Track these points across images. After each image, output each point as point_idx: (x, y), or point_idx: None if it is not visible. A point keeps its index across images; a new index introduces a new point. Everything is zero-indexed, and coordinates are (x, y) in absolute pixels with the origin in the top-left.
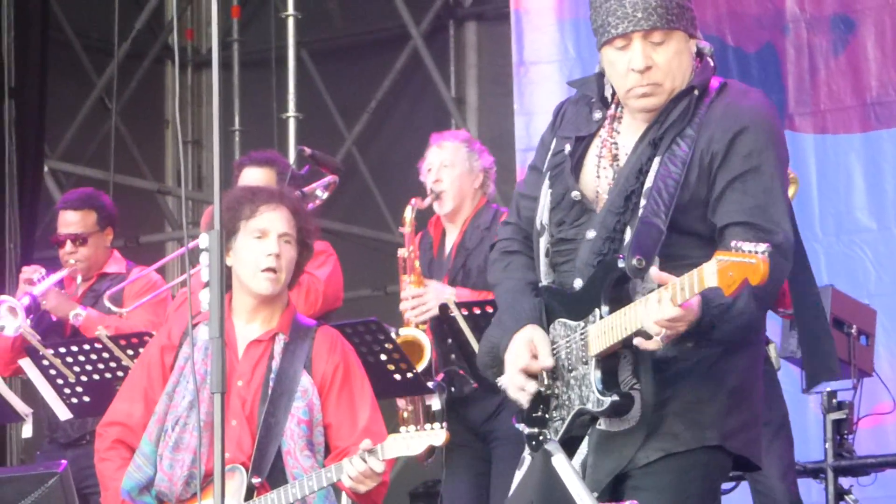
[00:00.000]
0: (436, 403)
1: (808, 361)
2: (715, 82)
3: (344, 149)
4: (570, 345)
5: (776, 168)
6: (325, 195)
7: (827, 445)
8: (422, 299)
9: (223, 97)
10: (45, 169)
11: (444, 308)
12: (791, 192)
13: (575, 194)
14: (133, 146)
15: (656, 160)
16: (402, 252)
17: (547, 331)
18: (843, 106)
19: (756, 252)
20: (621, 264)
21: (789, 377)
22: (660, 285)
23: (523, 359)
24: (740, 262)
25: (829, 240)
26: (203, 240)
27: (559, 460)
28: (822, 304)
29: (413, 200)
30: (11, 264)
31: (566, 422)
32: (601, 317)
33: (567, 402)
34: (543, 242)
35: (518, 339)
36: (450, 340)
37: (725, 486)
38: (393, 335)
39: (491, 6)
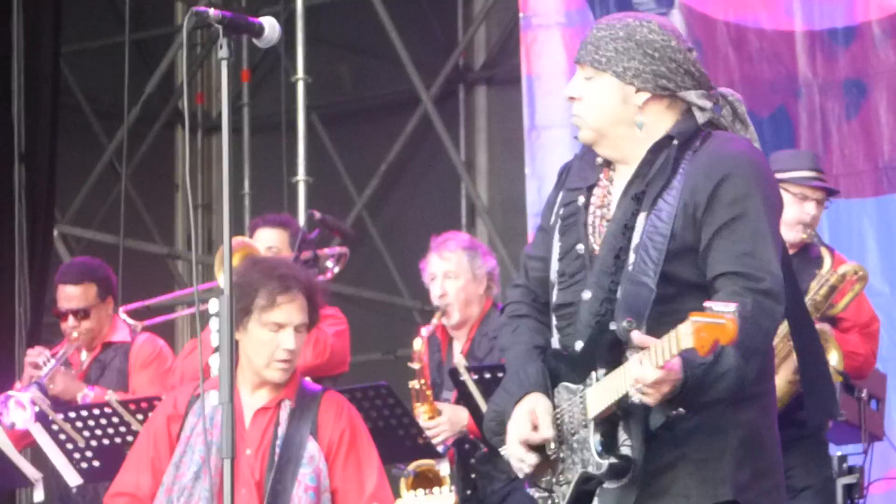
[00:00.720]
0: (444, 469)
1: (808, 403)
2: (703, 130)
3: (354, 212)
4: (571, 408)
5: (763, 212)
6: (337, 268)
7: None
8: (437, 429)
9: (233, 161)
10: (55, 233)
11: (454, 372)
12: (858, 287)
13: (580, 247)
14: (143, 210)
15: (641, 216)
16: (413, 384)
17: (552, 395)
18: (855, 170)
19: (726, 312)
20: (613, 326)
21: None
22: (642, 348)
23: (524, 430)
24: (711, 322)
25: None
26: (213, 305)
27: None
28: (820, 345)
29: (422, 330)
30: (21, 329)
31: (571, 485)
32: (597, 379)
33: (571, 466)
34: (553, 297)
35: (520, 409)
36: (472, 460)
37: None
38: (408, 472)
39: (501, 70)
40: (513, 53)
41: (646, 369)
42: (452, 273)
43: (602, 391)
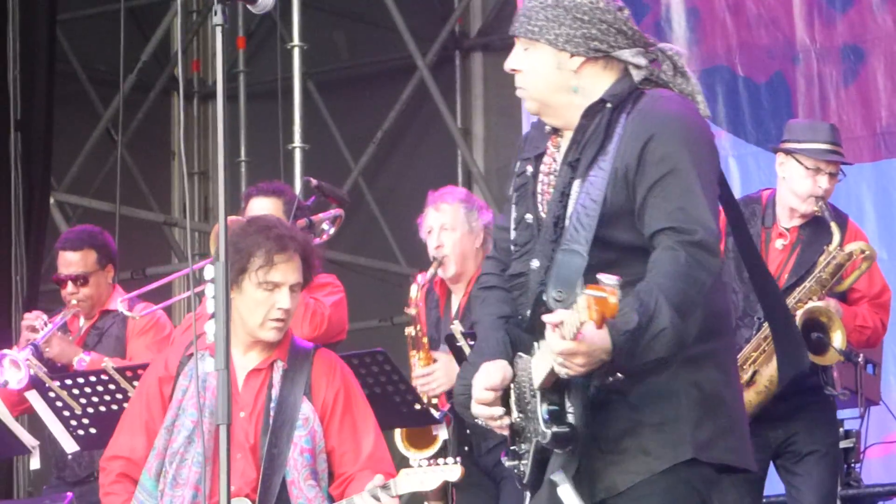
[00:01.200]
0: (443, 433)
1: (780, 359)
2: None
3: (350, 180)
4: (524, 377)
5: (692, 166)
6: (332, 230)
7: None
8: (431, 377)
9: (229, 128)
10: (52, 201)
11: (451, 338)
12: (865, 266)
13: (528, 217)
14: (139, 178)
15: (576, 183)
16: (409, 330)
17: (514, 364)
18: (853, 136)
19: (607, 285)
20: (545, 297)
21: None
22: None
23: (478, 390)
24: (598, 296)
25: None
26: (209, 271)
27: (565, 491)
28: (784, 302)
29: (418, 277)
30: (18, 297)
31: (530, 454)
32: (538, 349)
33: (529, 435)
34: (511, 268)
35: (477, 377)
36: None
37: None
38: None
39: (497, 37)
40: (509, 20)
41: (557, 341)
42: (449, 225)
43: (540, 361)
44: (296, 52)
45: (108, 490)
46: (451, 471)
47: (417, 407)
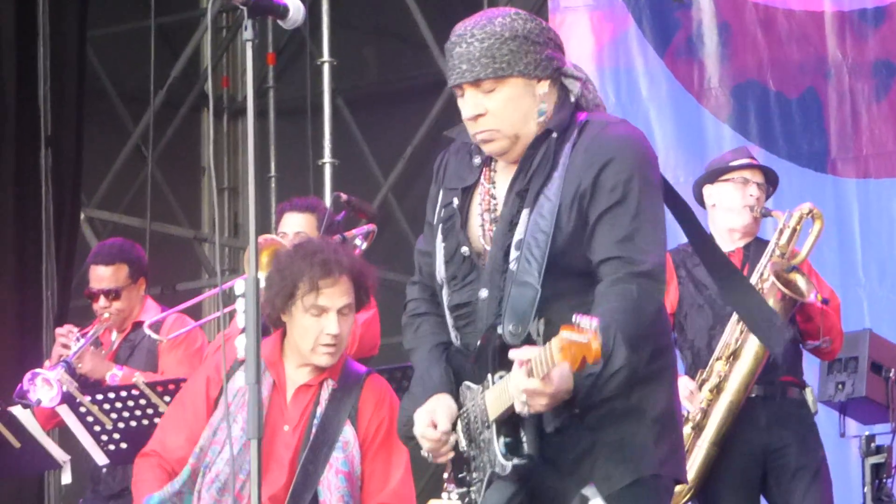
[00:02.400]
0: None
1: (760, 338)
2: (581, 117)
3: (380, 195)
4: (475, 408)
5: (642, 194)
6: (365, 245)
7: (865, 490)
8: None
9: (259, 144)
10: (82, 217)
11: None
12: (816, 228)
13: (464, 250)
14: (169, 194)
15: (524, 212)
16: None
17: (457, 394)
18: (885, 150)
19: (588, 329)
20: (500, 330)
21: (830, 420)
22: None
23: (425, 431)
24: (577, 340)
25: (872, 285)
26: (239, 286)
27: None
28: (749, 285)
29: None
30: (48, 313)
31: (483, 483)
32: (493, 382)
33: (482, 465)
34: (445, 297)
35: (419, 413)
36: None
37: None
38: None
39: None
40: None
41: (524, 380)
42: None
43: (497, 395)
44: (326, 68)
45: (139, 478)
46: None
47: None
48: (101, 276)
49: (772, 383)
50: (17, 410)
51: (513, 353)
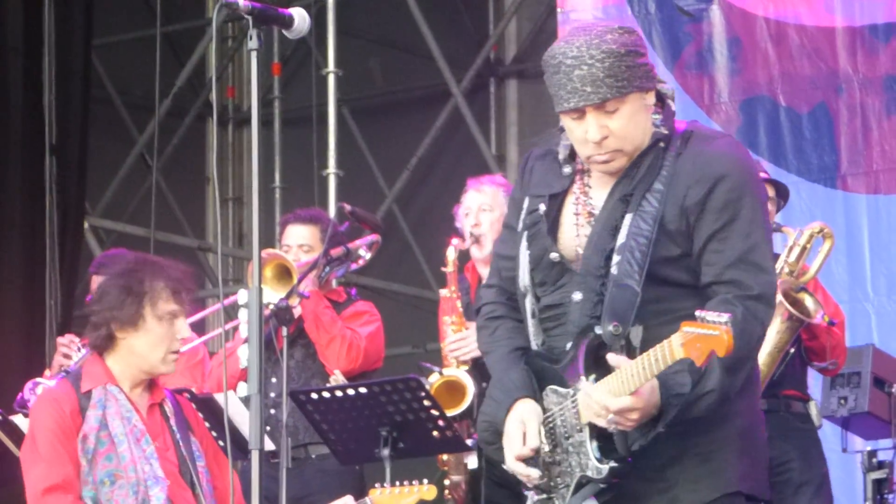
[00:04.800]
0: (472, 462)
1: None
2: (680, 126)
3: (384, 206)
4: (563, 412)
5: (754, 213)
6: (369, 255)
7: None
8: (464, 342)
9: (264, 154)
10: (86, 226)
11: None
12: (826, 247)
13: (554, 255)
14: (174, 203)
15: (628, 217)
16: (444, 292)
17: (540, 398)
18: (895, 166)
19: (719, 323)
20: (598, 331)
21: (835, 435)
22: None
23: (516, 446)
24: (705, 334)
25: (881, 300)
26: (242, 296)
27: None
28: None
29: (455, 240)
30: (52, 321)
31: (570, 488)
32: (582, 384)
33: (569, 469)
34: (529, 304)
35: (511, 422)
36: (484, 385)
37: None
38: (436, 375)
39: (532, 63)
40: (544, 46)
41: (612, 400)
42: (488, 206)
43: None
44: (331, 79)
45: None
46: (427, 492)
47: (450, 434)
48: None
49: (775, 396)
50: (18, 419)
51: (610, 358)
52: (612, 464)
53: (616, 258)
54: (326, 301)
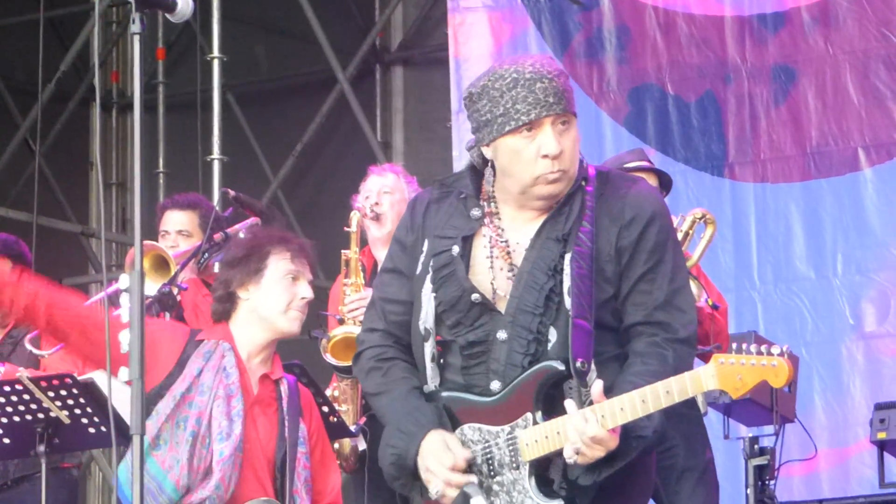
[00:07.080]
0: (362, 444)
1: None
2: (591, 170)
3: (269, 192)
4: (488, 450)
5: (675, 255)
6: None
7: (748, 491)
8: (364, 301)
9: (147, 140)
10: None
11: None
12: (708, 233)
13: (475, 296)
14: (57, 188)
15: (567, 257)
16: (346, 253)
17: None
18: (783, 155)
19: (773, 354)
20: (560, 367)
21: (718, 421)
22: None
23: (448, 457)
24: (756, 365)
25: (767, 288)
26: (123, 280)
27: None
28: None
29: (358, 206)
30: None
31: None
32: (535, 422)
33: None
34: (429, 347)
35: (432, 443)
36: None
37: None
38: (324, 341)
39: (418, 51)
40: (430, 34)
41: (594, 427)
42: (389, 189)
43: (542, 435)
44: (215, 64)
45: None
46: None
47: (334, 420)
48: None
49: None
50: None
51: (595, 391)
52: (559, 501)
53: (568, 301)
54: (205, 289)
